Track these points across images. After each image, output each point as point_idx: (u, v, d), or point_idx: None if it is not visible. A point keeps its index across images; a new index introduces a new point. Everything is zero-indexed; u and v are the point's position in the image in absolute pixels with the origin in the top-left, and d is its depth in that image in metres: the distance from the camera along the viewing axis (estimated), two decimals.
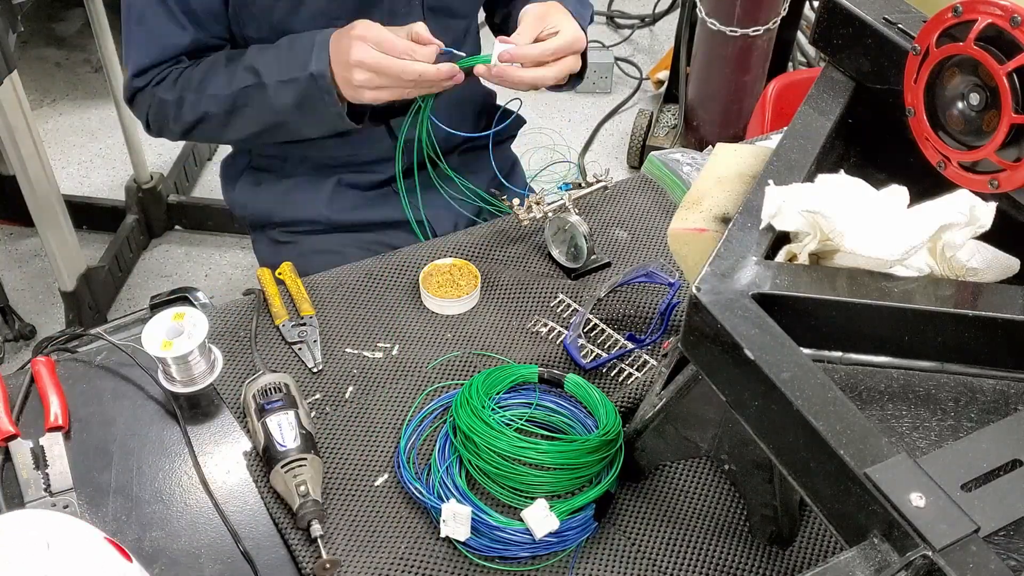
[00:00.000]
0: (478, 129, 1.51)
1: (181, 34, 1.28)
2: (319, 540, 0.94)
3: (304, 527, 0.95)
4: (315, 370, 1.13)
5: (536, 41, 1.20)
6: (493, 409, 1.03)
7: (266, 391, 1.03)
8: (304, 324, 1.17)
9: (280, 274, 1.24)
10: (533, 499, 0.97)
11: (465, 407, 1.02)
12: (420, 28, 1.18)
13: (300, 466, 0.97)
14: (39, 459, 1.00)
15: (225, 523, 0.97)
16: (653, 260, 1.28)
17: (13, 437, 1.01)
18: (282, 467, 0.97)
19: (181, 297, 1.21)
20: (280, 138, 1.37)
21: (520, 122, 1.55)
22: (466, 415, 1.01)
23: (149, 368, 1.10)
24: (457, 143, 1.46)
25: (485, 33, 1.53)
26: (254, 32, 1.30)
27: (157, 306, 1.18)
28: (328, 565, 0.93)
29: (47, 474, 0.99)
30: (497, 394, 1.06)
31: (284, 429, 0.99)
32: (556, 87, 1.28)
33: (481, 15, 1.49)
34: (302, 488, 0.95)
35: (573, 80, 1.30)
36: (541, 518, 0.95)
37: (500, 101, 1.59)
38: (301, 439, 0.99)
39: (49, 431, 1.03)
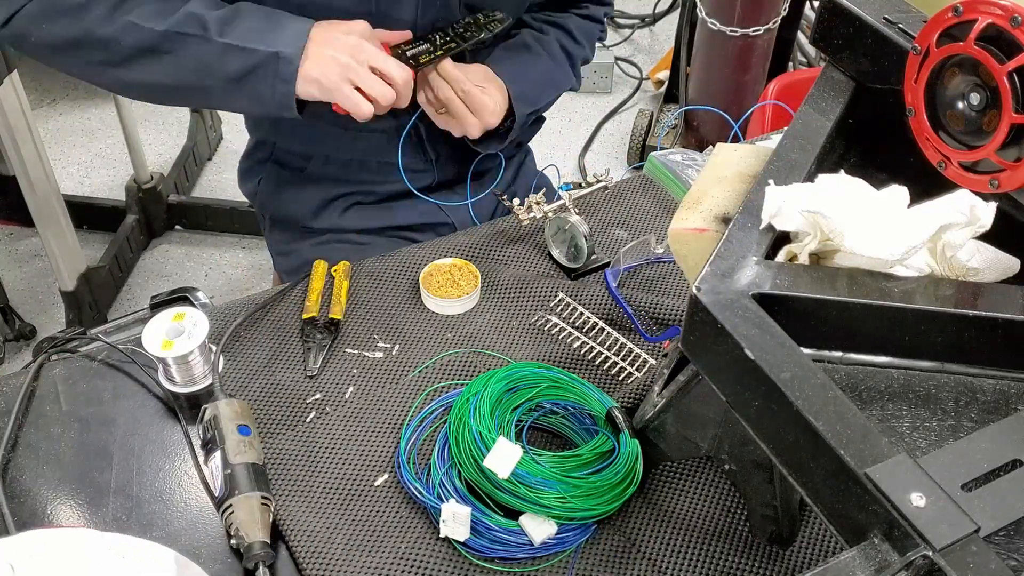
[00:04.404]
0: None
1: None
2: None
3: (251, 568, 0.91)
4: (309, 375, 1.13)
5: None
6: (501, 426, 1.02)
7: (203, 429, 1.00)
8: (322, 325, 1.17)
9: (335, 271, 1.24)
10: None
11: (464, 440, 0.98)
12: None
13: (228, 512, 0.93)
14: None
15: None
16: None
17: None
18: (221, 513, 0.94)
19: (181, 297, 1.21)
20: (188, 103, 1.27)
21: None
22: (466, 443, 0.98)
23: (149, 368, 1.10)
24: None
25: None
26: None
27: (157, 306, 1.18)
28: None
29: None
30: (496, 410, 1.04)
31: (215, 473, 0.97)
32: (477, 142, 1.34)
33: None
34: (240, 534, 0.92)
35: (492, 141, 1.35)
36: (538, 524, 0.95)
37: None
38: (224, 480, 0.95)
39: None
